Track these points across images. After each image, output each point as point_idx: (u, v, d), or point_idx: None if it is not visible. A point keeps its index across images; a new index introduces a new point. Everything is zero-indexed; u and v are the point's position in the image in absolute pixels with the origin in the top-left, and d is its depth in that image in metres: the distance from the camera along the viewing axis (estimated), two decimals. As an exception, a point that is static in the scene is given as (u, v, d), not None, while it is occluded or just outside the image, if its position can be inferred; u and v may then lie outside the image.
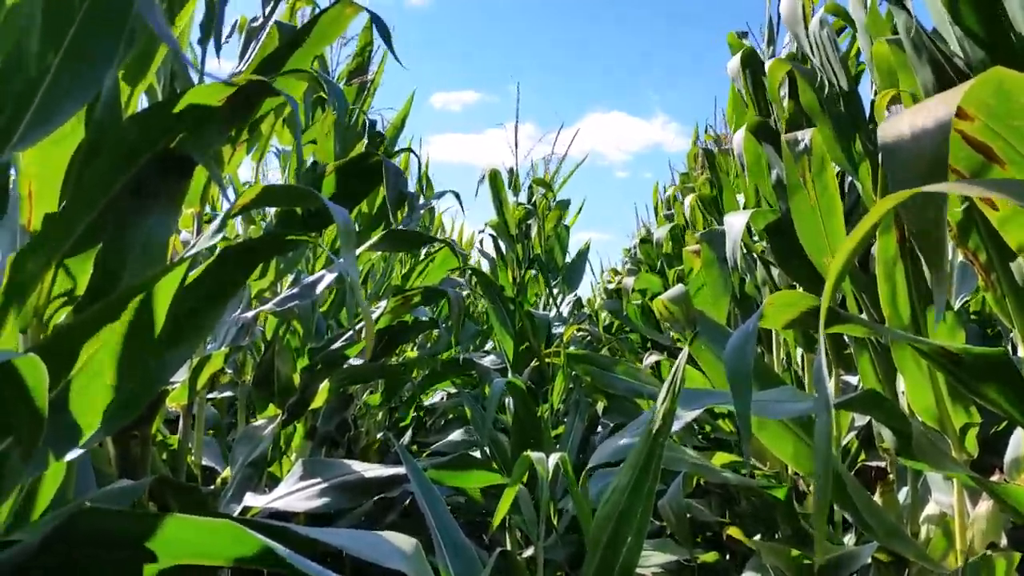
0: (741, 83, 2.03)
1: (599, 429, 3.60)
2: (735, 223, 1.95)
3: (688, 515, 2.39)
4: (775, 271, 2.21)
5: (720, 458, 1.77)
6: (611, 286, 5.62)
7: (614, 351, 4.42)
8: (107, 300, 0.78)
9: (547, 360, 3.37)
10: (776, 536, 1.91)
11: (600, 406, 3.51)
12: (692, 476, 1.93)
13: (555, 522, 2.33)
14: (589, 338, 4.80)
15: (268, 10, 1.45)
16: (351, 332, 2.41)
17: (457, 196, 3.83)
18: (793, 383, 2.16)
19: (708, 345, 1.32)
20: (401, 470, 1.69)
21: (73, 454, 0.89)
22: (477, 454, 2.84)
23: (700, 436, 2.81)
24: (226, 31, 1.41)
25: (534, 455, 1.20)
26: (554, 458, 1.20)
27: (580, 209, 4.77)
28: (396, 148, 3.12)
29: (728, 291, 2.14)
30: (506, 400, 2.89)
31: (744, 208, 2.36)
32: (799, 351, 2.16)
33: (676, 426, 0.89)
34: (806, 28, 1.58)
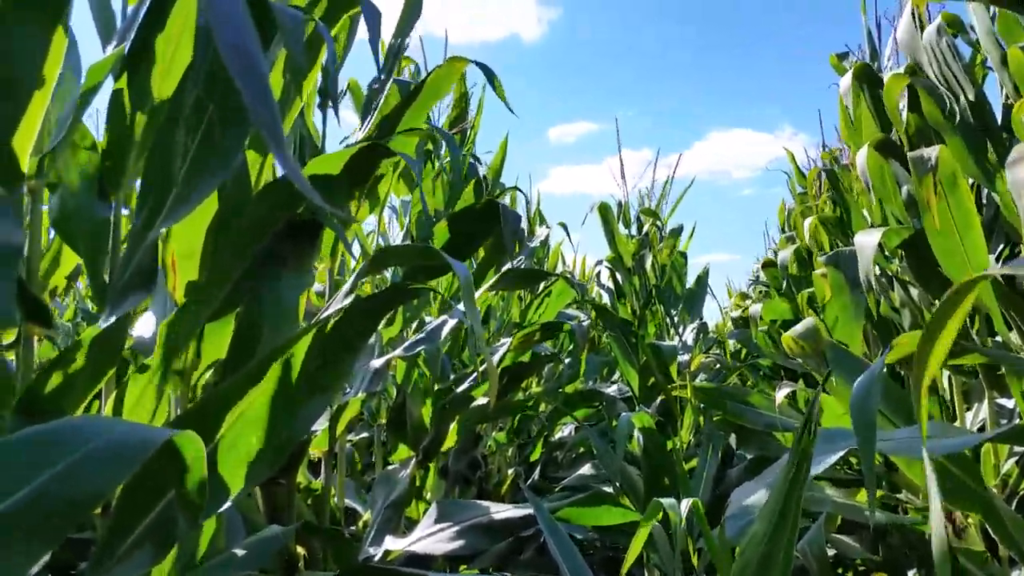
0: (851, 100, 1.96)
1: (734, 461, 3.48)
2: (866, 243, 1.86)
3: (835, 552, 2.26)
4: (915, 291, 2.10)
5: (866, 494, 1.67)
6: (737, 313, 5.45)
7: (744, 379, 4.28)
8: (250, 365, 0.83)
9: (674, 393, 3.30)
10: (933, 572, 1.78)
11: (733, 437, 3.40)
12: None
13: (695, 561, 2.26)
14: (718, 365, 4.66)
15: (385, 72, 1.52)
16: (476, 372, 2.45)
17: (565, 228, 3.86)
18: (940, 408, 2.02)
19: (843, 379, 1.26)
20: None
21: (225, 506, 0.94)
22: (609, 488, 2.81)
23: (846, 468, 2.67)
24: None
25: (666, 501, 1.17)
26: (686, 504, 1.17)
27: (692, 235, 4.68)
28: (499, 190, 3.18)
29: (862, 316, 2.04)
30: (635, 431, 2.84)
31: (872, 226, 2.25)
32: (945, 374, 2.03)
33: (816, 470, 0.86)
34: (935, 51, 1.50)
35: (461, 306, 1.24)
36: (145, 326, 1.13)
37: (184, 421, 0.85)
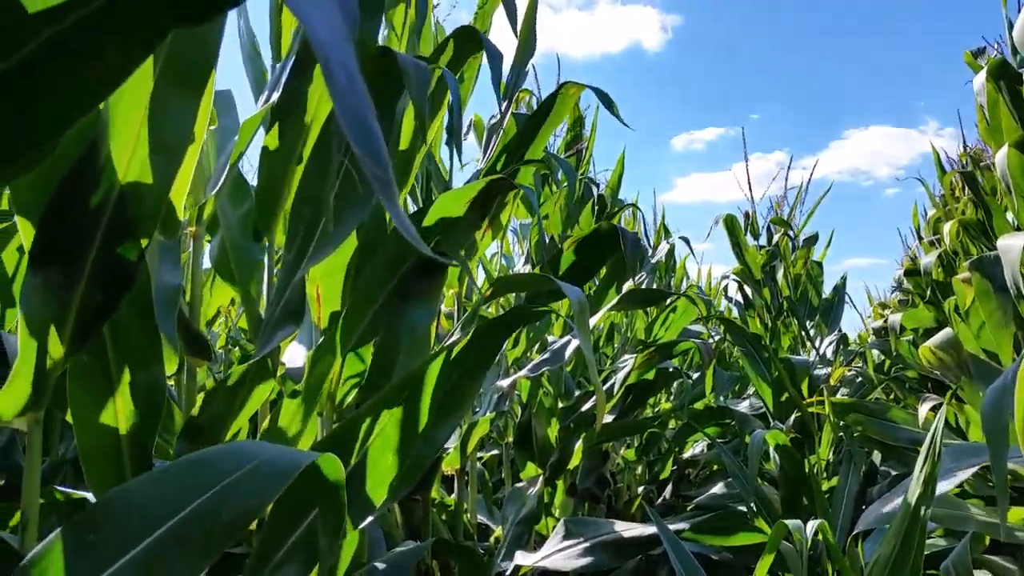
0: (986, 99, 1.86)
1: (878, 479, 3.32)
2: (1011, 246, 1.78)
3: (988, 574, 2.13)
4: (1067, 297, 1.96)
5: (1017, 513, 1.57)
6: (877, 324, 5.19)
7: (889, 392, 4.08)
8: (386, 390, 0.89)
9: (811, 409, 3.19)
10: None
11: (877, 455, 3.24)
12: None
13: (832, 582, 2.18)
14: (860, 378, 4.46)
15: (504, 107, 1.59)
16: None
17: (687, 241, 3.81)
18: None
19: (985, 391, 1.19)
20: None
21: (366, 522, 1.01)
22: (743, 508, 2.74)
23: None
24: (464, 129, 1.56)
25: (791, 522, 1.16)
26: (813, 525, 1.15)
27: (828, 244, 4.52)
28: (617, 208, 3.19)
29: (1011, 323, 1.93)
30: (770, 449, 2.76)
31: (1017, 229, 2.13)
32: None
33: (946, 486, 0.84)
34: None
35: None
36: (294, 355, 1.23)
37: (328, 443, 0.92)
